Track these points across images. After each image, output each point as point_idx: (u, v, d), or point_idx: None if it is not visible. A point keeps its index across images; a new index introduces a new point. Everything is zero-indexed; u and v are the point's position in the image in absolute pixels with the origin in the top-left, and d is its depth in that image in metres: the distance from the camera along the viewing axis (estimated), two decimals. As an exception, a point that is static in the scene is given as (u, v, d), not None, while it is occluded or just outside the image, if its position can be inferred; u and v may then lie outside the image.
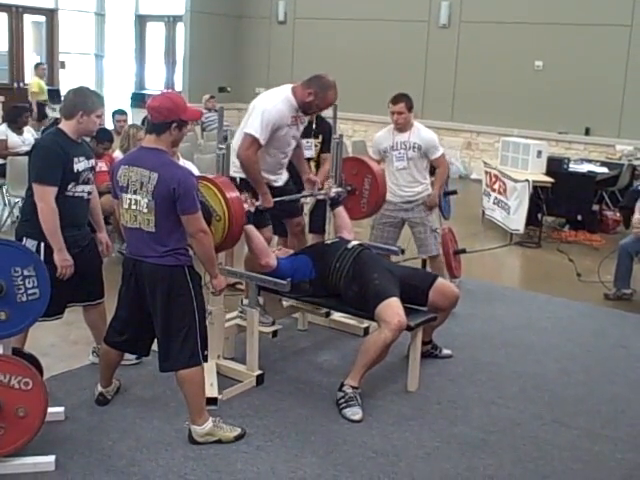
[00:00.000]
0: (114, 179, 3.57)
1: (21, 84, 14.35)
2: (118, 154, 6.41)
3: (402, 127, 5.52)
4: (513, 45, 12.37)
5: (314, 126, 5.49)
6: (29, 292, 3.29)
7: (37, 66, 12.87)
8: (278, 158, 4.66)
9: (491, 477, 3.54)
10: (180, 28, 15.49)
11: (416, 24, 13.34)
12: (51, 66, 14.89)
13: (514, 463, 3.68)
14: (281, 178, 4.79)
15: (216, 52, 15.01)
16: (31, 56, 14.90)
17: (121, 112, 8.31)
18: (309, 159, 5.39)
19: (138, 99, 15.31)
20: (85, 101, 3.91)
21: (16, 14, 14.25)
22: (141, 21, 16.49)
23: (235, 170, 4.59)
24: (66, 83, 15.09)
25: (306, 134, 5.22)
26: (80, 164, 3.90)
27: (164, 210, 3.42)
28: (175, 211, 3.43)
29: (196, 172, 4.96)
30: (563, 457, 3.75)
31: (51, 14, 14.85)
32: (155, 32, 16.47)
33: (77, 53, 15.84)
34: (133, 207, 3.48)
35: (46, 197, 3.78)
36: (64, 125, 3.94)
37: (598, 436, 3.99)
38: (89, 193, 4.07)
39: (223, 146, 4.26)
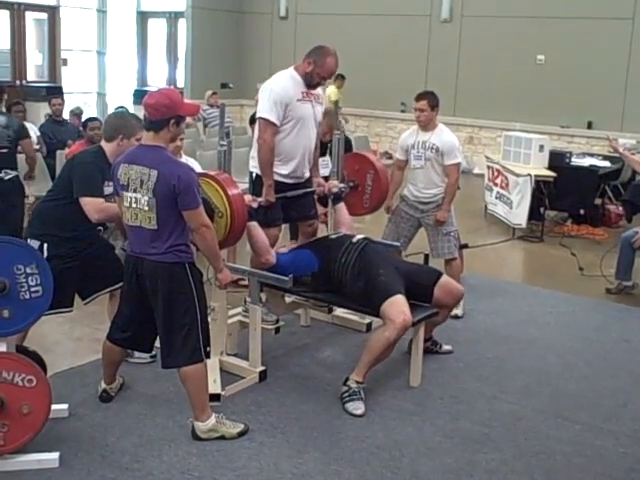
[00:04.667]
0: (114, 177, 3.58)
1: (23, 82, 14.34)
2: None
3: (424, 125, 5.43)
4: (515, 39, 12.35)
5: (329, 144, 5.48)
6: (32, 290, 3.31)
7: (337, 77, 12.88)
8: (301, 139, 4.58)
9: (493, 472, 3.55)
10: (182, 24, 15.48)
11: (418, 19, 13.33)
12: (53, 63, 14.88)
13: (516, 458, 3.69)
14: (306, 172, 4.74)
15: (218, 48, 15.00)
16: (33, 53, 14.89)
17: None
18: (326, 177, 5.30)
19: (140, 96, 15.31)
20: (126, 125, 4.05)
21: (18, 11, 14.23)
22: (143, 17, 16.47)
23: (254, 165, 4.60)
24: (68, 80, 15.11)
25: (322, 152, 5.21)
26: (109, 188, 3.96)
27: (165, 207, 3.43)
28: (176, 207, 3.44)
29: (198, 168, 4.97)
30: (565, 451, 3.76)
31: (52, 11, 14.83)
32: (157, 28, 16.45)
33: (79, 50, 15.82)
34: (134, 205, 3.49)
35: (98, 207, 3.90)
36: (105, 146, 4.06)
37: (600, 430, 4.00)
38: None
39: (225, 142, 4.27)
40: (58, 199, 4.03)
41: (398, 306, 4.09)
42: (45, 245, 3.94)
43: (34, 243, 3.92)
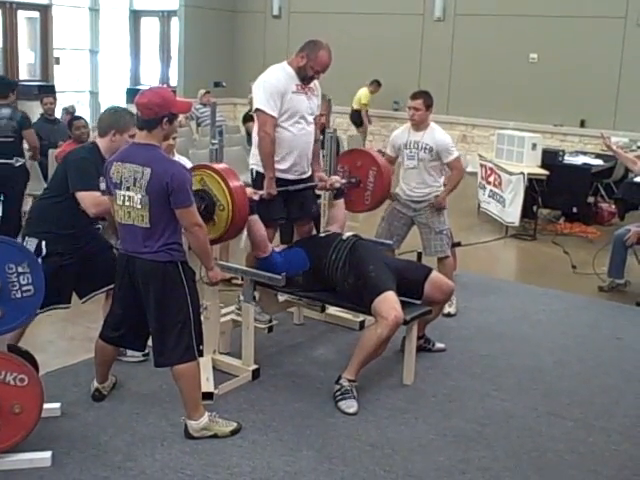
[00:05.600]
0: (107, 176, 3.57)
1: (15, 80, 14.28)
2: None
3: (417, 125, 5.43)
4: (508, 38, 12.36)
5: (322, 137, 5.51)
6: (23, 289, 3.29)
7: (373, 82, 13.01)
8: (298, 132, 4.56)
9: (486, 469, 3.56)
10: (175, 23, 15.45)
11: (411, 17, 13.33)
12: (45, 62, 14.84)
13: (509, 455, 3.69)
14: (307, 167, 4.73)
15: (211, 47, 14.98)
16: (25, 52, 14.85)
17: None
18: None
19: (133, 94, 15.26)
20: (118, 120, 4.03)
21: (10, 10, 14.19)
22: (135, 16, 16.43)
23: (254, 162, 4.60)
24: (61, 79, 15.07)
25: None
26: (104, 184, 3.92)
27: (158, 205, 3.42)
28: (169, 206, 3.43)
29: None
30: (557, 448, 3.77)
31: (45, 10, 14.78)
32: (150, 27, 16.42)
33: (71, 49, 15.78)
34: (127, 203, 3.48)
35: (95, 201, 3.85)
36: (99, 142, 4.06)
37: (592, 427, 4.01)
38: None
39: (216, 141, 4.26)
40: (54, 196, 4.02)
41: (389, 302, 4.09)
42: (43, 242, 3.93)
43: (32, 241, 3.92)
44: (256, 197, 4.30)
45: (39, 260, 3.84)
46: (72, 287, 4.16)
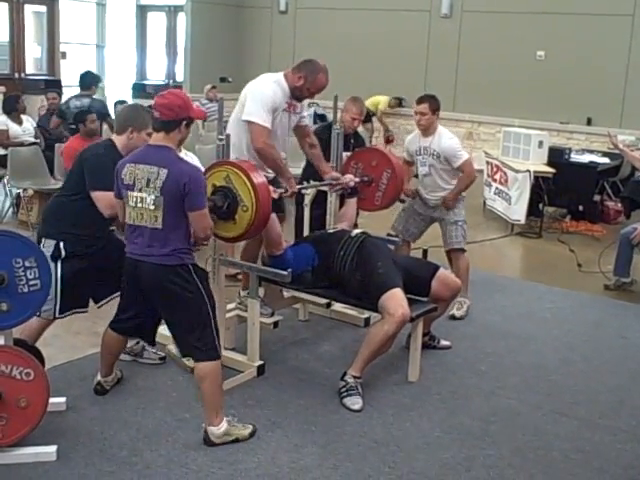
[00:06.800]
0: (118, 178, 3.52)
1: (22, 74, 14.30)
2: None
3: (424, 129, 5.45)
4: (515, 35, 12.32)
5: (352, 140, 5.53)
6: (30, 283, 3.30)
7: (396, 99, 13.12)
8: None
9: (491, 467, 3.56)
10: (181, 18, 15.44)
11: (418, 14, 13.30)
12: (52, 56, 14.84)
13: (514, 453, 3.69)
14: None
15: (217, 42, 14.96)
16: (32, 46, 14.85)
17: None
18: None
19: (139, 89, 15.29)
20: (136, 118, 3.95)
21: (17, 4, 14.18)
22: (142, 11, 16.43)
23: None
24: (67, 74, 15.07)
25: (345, 148, 5.24)
26: None
27: (172, 206, 3.39)
28: (182, 209, 3.40)
29: (197, 163, 4.94)
30: (563, 447, 3.77)
31: (52, 4, 14.77)
32: (156, 22, 16.42)
33: (78, 43, 15.78)
34: (139, 205, 3.44)
35: (109, 201, 3.74)
36: (116, 139, 3.99)
37: (598, 426, 4.00)
38: None
39: (223, 137, 4.25)
40: (71, 195, 3.94)
41: (396, 300, 4.09)
42: (62, 243, 3.86)
43: (50, 243, 3.86)
44: (275, 195, 4.26)
45: (58, 263, 3.84)
46: (91, 290, 4.09)
